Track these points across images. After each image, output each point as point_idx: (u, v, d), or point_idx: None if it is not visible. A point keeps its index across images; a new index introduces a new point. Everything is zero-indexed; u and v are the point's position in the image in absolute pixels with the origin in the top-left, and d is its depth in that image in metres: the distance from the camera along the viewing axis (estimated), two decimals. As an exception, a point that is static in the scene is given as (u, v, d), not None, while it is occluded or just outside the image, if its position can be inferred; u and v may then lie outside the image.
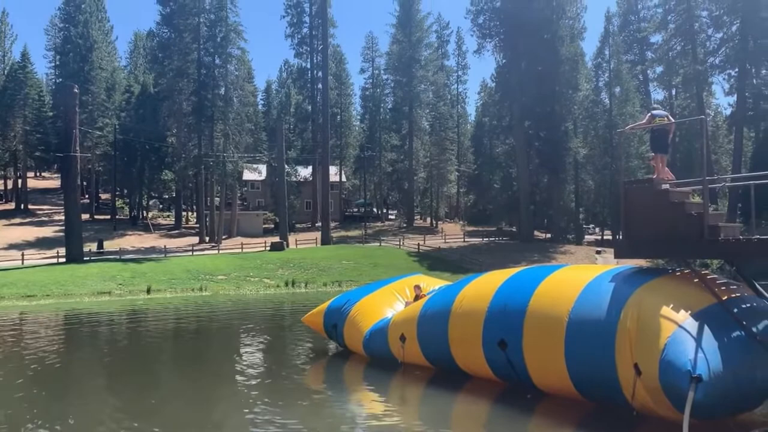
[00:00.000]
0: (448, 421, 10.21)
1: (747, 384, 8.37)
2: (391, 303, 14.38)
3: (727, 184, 21.02)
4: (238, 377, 12.91)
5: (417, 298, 13.99)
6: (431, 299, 12.70)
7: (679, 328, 8.43)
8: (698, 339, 8.28)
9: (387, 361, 13.09)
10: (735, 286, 9.67)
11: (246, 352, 16.42)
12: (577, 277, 10.44)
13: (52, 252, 40.95)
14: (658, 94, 69.50)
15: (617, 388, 8.90)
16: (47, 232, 56.45)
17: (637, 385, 8.51)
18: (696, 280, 9.54)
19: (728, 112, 62.89)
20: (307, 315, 16.19)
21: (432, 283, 15.22)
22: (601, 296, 9.53)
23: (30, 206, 69.30)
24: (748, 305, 9.19)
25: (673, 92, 63.56)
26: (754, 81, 50.99)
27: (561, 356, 9.54)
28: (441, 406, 10.81)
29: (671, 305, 8.75)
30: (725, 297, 9.10)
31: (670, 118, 10.88)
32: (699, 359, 8.02)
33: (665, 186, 9.90)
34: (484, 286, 11.74)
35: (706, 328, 8.45)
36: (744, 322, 8.71)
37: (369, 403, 11.39)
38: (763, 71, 51.17)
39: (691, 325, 8.47)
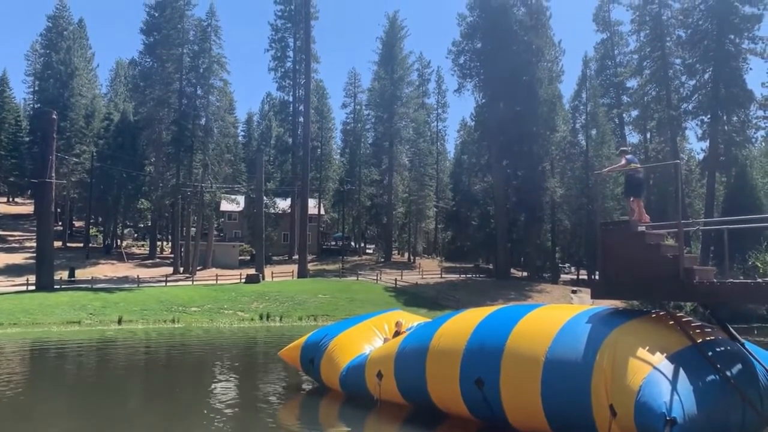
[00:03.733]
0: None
1: (720, 427, 8.39)
2: (369, 339, 14.21)
3: (701, 228, 21.35)
4: (209, 413, 12.59)
5: (397, 334, 13.85)
6: (409, 336, 12.59)
7: (654, 370, 8.47)
8: (673, 381, 8.32)
9: (362, 398, 12.88)
10: (709, 329, 9.76)
11: (218, 387, 16.06)
12: (554, 317, 10.46)
13: (22, 279, 40.03)
14: (633, 137, 70.88)
15: (593, 428, 8.85)
16: (17, 258, 55.24)
17: (612, 426, 8.48)
18: (671, 323, 9.61)
19: (701, 156, 64.22)
20: (284, 349, 15.94)
21: (411, 320, 15.09)
22: (577, 337, 9.55)
23: (1, 232, 67.93)
24: (723, 348, 9.27)
25: (648, 136, 64.89)
26: (726, 127, 52.29)
27: (537, 396, 9.49)
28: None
29: (647, 347, 8.81)
30: (700, 340, 9.17)
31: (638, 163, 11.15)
32: (674, 401, 8.04)
33: (641, 228, 10.03)
34: (462, 324, 11.70)
35: (681, 370, 8.50)
36: (718, 366, 8.76)
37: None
38: (734, 118, 52.53)
39: (667, 367, 8.51)
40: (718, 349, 9.16)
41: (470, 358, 10.71)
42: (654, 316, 10.02)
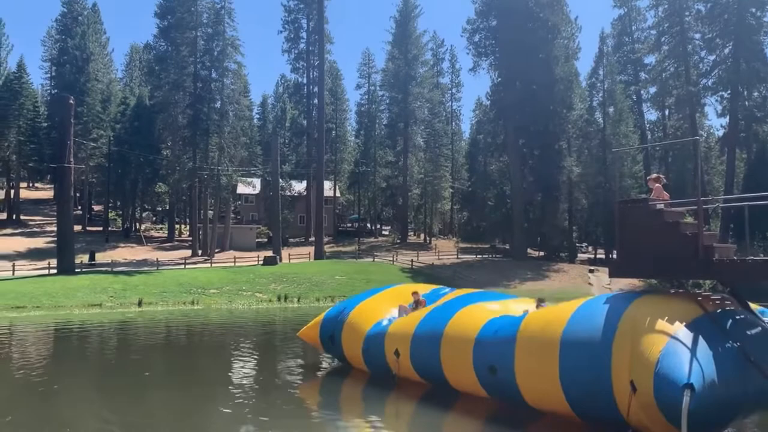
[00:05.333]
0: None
1: (739, 396, 8.36)
2: (387, 308, 14.34)
3: (721, 205, 21.11)
4: (230, 392, 12.79)
5: (416, 304, 13.92)
6: (426, 319, 12.63)
7: (671, 340, 8.43)
8: (692, 350, 8.27)
9: (382, 378, 13.02)
10: (724, 300, 9.68)
11: (238, 368, 16.28)
12: (563, 306, 10.75)
13: (44, 263, 40.64)
14: (651, 114, 70.12)
15: (614, 407, 8.89)
16: (39, 243, 56.06)
17: (632, 402, 8.50)
18: (685, 295, 9.60)
19: (720, 133, 63.43)
20: (303, 329, 16.06)
21: (425, 289, 15.27)
22: (594, 315, 9.58)
23: (22, 217, 68.90)
24: (739, 317, 9.20)
25: (666, 113, 64.07)
26: (746, 103, 51.46)
27: (556, 379, 9.54)
28: (436, 423, 10.73)
29: (664, 318, 8.77)
30: (715, 309, 9.14)
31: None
32: (693, 370, 8.01)
33: (660, 206, 9.94)
34: (475, 313, 11.89)
35: (699, 338, 8.45)
36: (735, 334, 8.72)
37: (363, 421, 11.30)
38: (755, 93, 51.67)
39: (684, 336, 8.47)
40: (734, 318, 9.11)
41: (483, 346, 10.93)
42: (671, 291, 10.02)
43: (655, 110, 66.95)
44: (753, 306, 10.05)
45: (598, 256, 60.93)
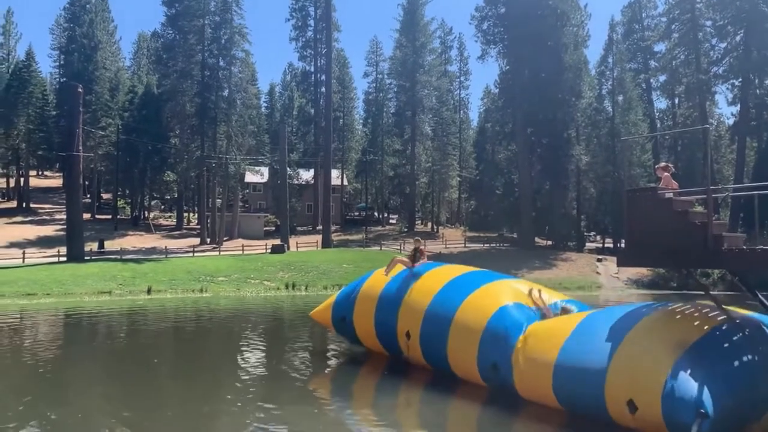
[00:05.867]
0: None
1: (748, 405, 8.33)
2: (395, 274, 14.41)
3: (730, 194, 21.00)
4: (237, 379, 12.89)
5: (415, 252, 13.93)
6: (436, 302, 12.54)
7: (678, 361, 8.37)
8: (700, 370, 8.21)
9: (391, 364, 13.10)
10: (723, 315, 9.60)
11: (245, 355, 16.39)
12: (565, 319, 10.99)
13: (53, 251, 40.93)
14: (661, 102, 69.61)
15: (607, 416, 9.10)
16: (48, 230, 56.46)
17: (632, 422, 8.62)
18: (689, 309, 9.57)
19: (731, 121, 62.80)
20: (315, 310, 16.27)
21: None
22: (592, 341, 9.65)
23: (32, 205, 69.34)
24: (746, 328, 9.12)
25: (676, 101, 63.59)
26: (758, 91, 50.98)
27: (550, 392, 9.85)
28: (445, 411, 10.79)
29: (667, 339, 8.76)
30: (720, 323, 9.10)
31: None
32: (703, 392, 7.92)
33: (669, 195, 9.89)
34: (487, 299, 11.92)
35: (706, 358, 8.41)
36: (743, 346, 8.69)
37: (371, 408, 11.37)
38: (767, 81, 51.17)
39: (691, 357, 8.40)
40: (741, 330, 9.04)
41: (487, 343, 11.12)
42: (671, 307, 9.97)
43: (665, 98, 66.49)
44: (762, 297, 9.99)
45: (606, 245, 60.76)
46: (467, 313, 11.68)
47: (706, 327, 8.96)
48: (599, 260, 47.25)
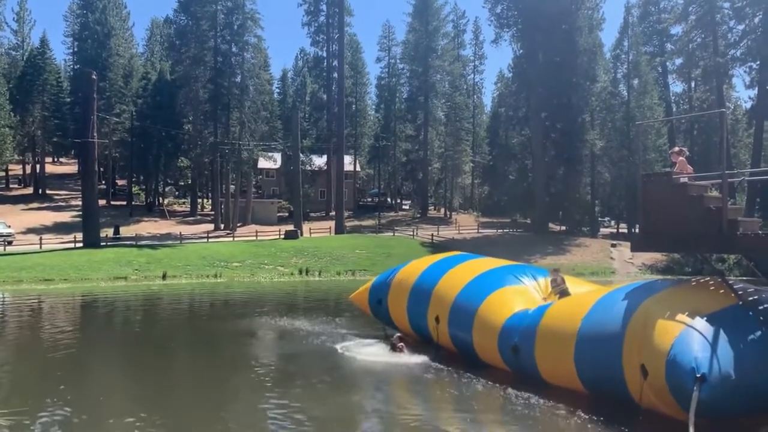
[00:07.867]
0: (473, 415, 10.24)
1: (761, 386, 8.19)
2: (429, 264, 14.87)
3: (747, 178, 20.78)
4: (251, 364, 13.01)
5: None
6: (465, 291, 12.93)
7: (687, 329, 8.42)
8: (707, 339, 8.22)
9: (411, 348, 13.29)
10: (752, 290, 9.54)
11: (260, 339, 16.54)
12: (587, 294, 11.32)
13: (70, 237, 41.39)
14: (677, 86, 68.65)
15: (626, 392, 9.12)
16: (64, 217, 57.06)
17: (644, 388, 8.61)
18: (713, 285, 9.52)
19: (748, 105, 61.98)
20: (354, 293, 16.75)
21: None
22: (611, 307, 9.84)
23: (48, 191, 70.04)
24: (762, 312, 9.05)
25: (693, 85, 62.67)
26: (776, 74, 50.09)
27: (571, 365, 9.94)
28: (463, 398, 10.86)
29: (681, 309, 8.81)
30: (746, 300, 9.03)
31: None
32: (706, 359, 7.96)
33: (684, 179, 9.82)
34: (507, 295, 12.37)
35: (719, 329, 8.37)
36: (757, 327, 8.62)
37: (386, 395, 11.45)
38: (786, 64, 50.26)
39: (702, 326, 8.43)
40: (757, 312, 8.91)
41: (509, 327, 11.49)
42: (694, 282, 9.99)
43: (681, 82, 65.48)
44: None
45: (620, 230, 60.39)
46: (489, 308, 12.30)
47: (722, 303, 8.94)
48: (613, 245, 47.02)
